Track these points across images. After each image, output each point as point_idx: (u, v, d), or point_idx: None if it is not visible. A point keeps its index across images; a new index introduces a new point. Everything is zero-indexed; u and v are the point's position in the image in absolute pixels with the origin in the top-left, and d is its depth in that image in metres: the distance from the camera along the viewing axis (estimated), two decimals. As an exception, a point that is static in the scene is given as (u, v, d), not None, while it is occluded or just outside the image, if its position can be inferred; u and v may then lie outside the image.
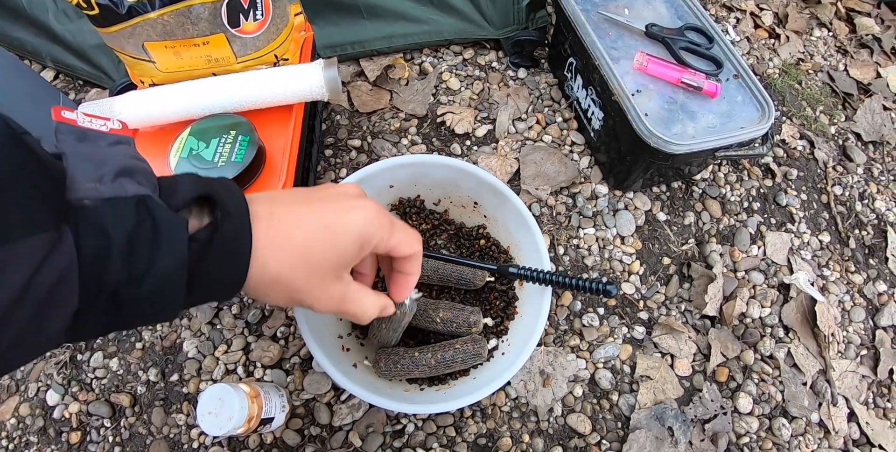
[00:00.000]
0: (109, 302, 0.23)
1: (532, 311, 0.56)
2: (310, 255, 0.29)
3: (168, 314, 0.25)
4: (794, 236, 0.77)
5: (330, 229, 0.30)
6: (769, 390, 0.66)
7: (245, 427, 0.51)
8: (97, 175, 0.23)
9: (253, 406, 0.52)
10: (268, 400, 0.55)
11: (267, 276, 0.28)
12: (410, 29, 0.82)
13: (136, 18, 0.58)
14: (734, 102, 0.69)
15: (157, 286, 0.23)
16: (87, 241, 0.21)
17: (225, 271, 0.26)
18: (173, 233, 0.23)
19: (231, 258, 0.26)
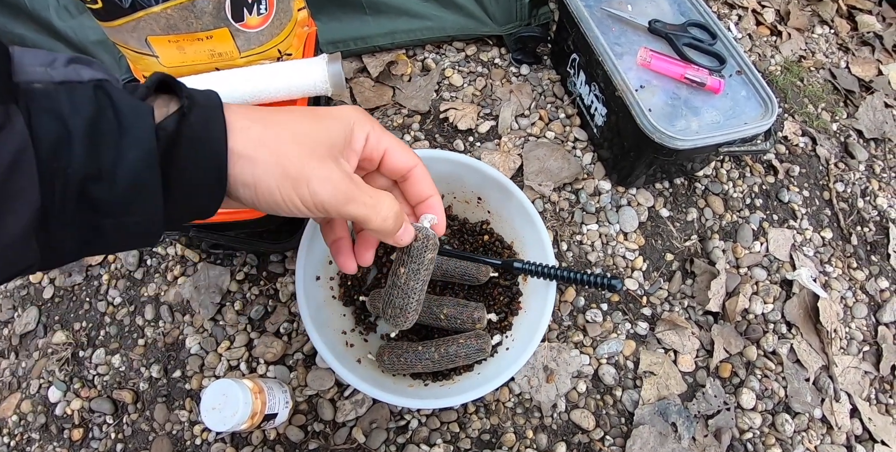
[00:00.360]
0: (80, 202, 0.21)
1: (536, 306, 0.56)
2: (297, 130, 0.26)
3: (150, 226, 0.23)
4: (796, 232, 0.77)
5: (315, 111, 0.28)
6: (772, 386, 0.66)
7: (248, 423, 0.51)
8: (47, 60, 0.21)
9: (256, 402, 0.52)
10: (271, 396, 0.55)
11: (252, 138, 0.25)
12: (413, 25, 0.81)
13: (139, 12, 0.58)
14: (737, 98, 0.69)
15: (129, 181, 0.21)
16: (42, 127, 0.19)
17: (200, 155, 0.23)
18: (138, 121, 0.21)
19: (204, 143, 0.23)
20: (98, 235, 0.22)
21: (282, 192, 0.25)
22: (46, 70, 0.21)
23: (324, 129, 0.28)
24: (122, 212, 0.22)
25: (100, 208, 0.21)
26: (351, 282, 0.61)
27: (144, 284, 0.70)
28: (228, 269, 0.68)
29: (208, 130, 0.23)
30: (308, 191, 0.26)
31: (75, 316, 0.70)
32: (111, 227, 0.22)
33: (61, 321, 0.71)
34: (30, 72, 0.20)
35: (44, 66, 0.21)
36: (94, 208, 0.21)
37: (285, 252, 0.69)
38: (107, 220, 0.22)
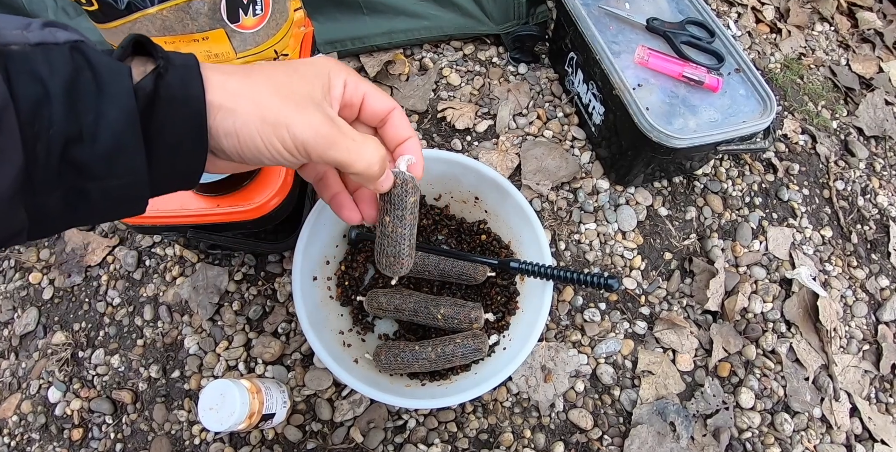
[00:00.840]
0: (63, 164, 0.21)
1: (533, 306, 0.56)
2: (274, 80, 0.27)
3: (136, 190, 0.23)
4: (795, 230, 0.76)
5: (290, 63, 0.29)
6: (771, 385, 0.66)
7: (246, 423, 0.51)
8: (23, 24, 0.21)
9: (254, 402, 0.52)
10: (269, 396, 0.55)
11: (230, 90, 0.25)
12: (410, 24, 0.81)
13: (135, 14, 0.58)
14: (736, 97, 0.68)
15: (110, 141, 0.21)
16: (21, 88, 0.19)
17: (180, 114, 0.24)
18: (116, 80, 0.22)
19: (183, 102, 0.24)
20: (83, 199, 0.22)
21: (263, 137, 0.26)
22: (23, 33, 0.21)
23: (301, 77, 0.28)
24: (106, 174, 0.22)
25: (83, 171, 0.22)
26: (348, 282, 0.61)
27: (143, 284, 0.70)
28: (226, 269, 0.68)
29: (186, 88, 0.24)
30: (288, 134, 0.26)
31: (75, 317, 0.71)
32: (96, 190, 0.22)
33: (61, 321, 0.71)
34: (5, 34, 0.20)
35: (20, 28, 0.21)
36: (78, 170, 0.21)
37: (283, 252, 0.69)
38: (91, 183, 0.22)
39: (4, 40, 0.20)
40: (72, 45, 0.21)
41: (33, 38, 0.21)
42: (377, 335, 0.62)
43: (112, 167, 0.22)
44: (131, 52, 0.24)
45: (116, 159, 0.22)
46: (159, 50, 0.24)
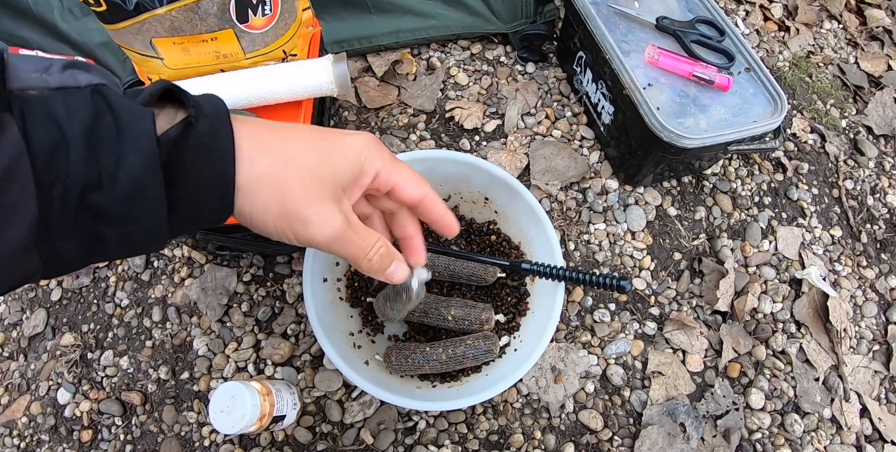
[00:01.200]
0: (81, 211, 0.20)
1: (544, 307, 0.56)
2: (304, 158, 0.26)
3: (154, 235, 0.23)
4: (805, 230, 0.76)
5: (326, 141, 0.27)
6: (781, 385, 0.66)
7: (257, 425, 0.51)
8: (43, 66, 0.21)
9: (265, 404, 0.52)
10: (279, 398, 0.55)
11: (257, 173, 0.24)
12: (418, 24, 0.81)
13: (143, 15, 0.58)
14: (746, 96, 0.68)
15: (130, 188, 0.20)
16: (37, 134, 0.19)
17: (206, 170, 0.23)
18: (138, 125, 0.21)
19: (211, 155, 0.23)
20: (100, 243, 0.22)
21: (277, 227, 0.26)
22: (42, 76, 0.20)
23: (332, 165, 0.27)
24: (125, 220, 0.21)
25: (101, 217, 0.21)
26: (358, 283, 0.61)
27: (151, 286, 0.70)
28: (235, 270, 0.68)
29: (216, 139, 0.23)
30: (304, 231, 0.26)
31: (83, 318, 0.71)
32: (113, 236, 0.22)
33: (69, 323, 0.71)
34: (24, 78, 0.20)
35: (39, 71, 0.20)
36: (96, 216, 0.21)
37: (292, 254, 0.69)
38: (109, 229, 0.21)
39: (23, 84, 0.20)
40: (93, 88, 0.21)
41: (53, 82, 0.20)
42: (387, 336, 0.61)
43: (131, 213, 0.21)
44: (159, 99, 0.24)
45: (136, 205, 0.21)
46: (190, 98, 0.23)
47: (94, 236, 0.21)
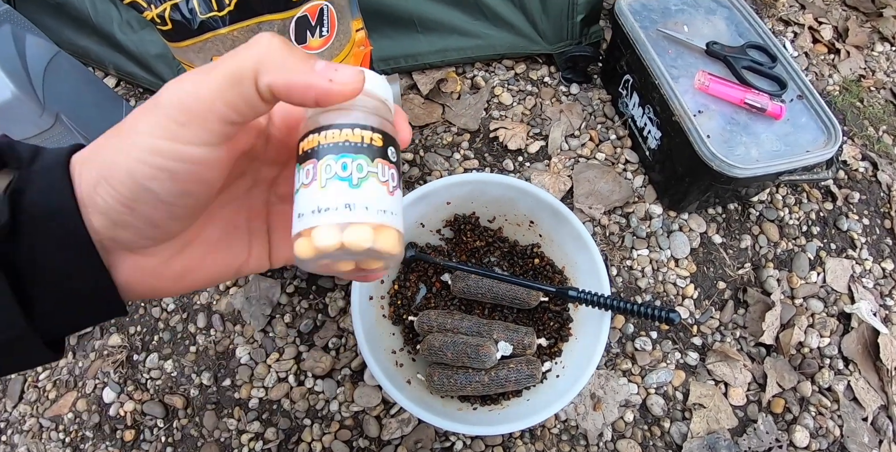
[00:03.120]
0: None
1: (588, 334, 0.55)
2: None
3: (20, 348, 0.19)
4: (855, 262, 0.74)
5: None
6: (827, 424, 0.64)
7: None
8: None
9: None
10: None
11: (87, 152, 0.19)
12: (463, 43, 0.82)
13: (206, 34, 0.60)
14: (798, 124, 0.67)
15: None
16: None
17: (52, 235, 0.18)
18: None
19: (48, 216, 0.18)
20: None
21: (152, 149, 0.19)
22: None
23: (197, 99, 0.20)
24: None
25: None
26: (401, 301, 0.62)
27: (197, 292, 0.72)
28: (279, 281, 0.70)
29: (49, 198, 0.18)
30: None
31: (130, 320, 0.73)
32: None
33: (117, 323, 0.73)
34: None
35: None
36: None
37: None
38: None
39: None
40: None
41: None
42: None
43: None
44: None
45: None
46: (15, 154, 0.19)
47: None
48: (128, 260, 0.20)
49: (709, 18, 0.76)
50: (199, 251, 0.22)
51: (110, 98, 0.80)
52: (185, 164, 0.18)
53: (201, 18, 0.60)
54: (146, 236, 0.20)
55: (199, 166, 0.18)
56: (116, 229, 0.19)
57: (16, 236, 0.18)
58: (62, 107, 0.68)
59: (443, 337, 0.55)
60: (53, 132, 0.68)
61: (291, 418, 0.64)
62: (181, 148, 0.17)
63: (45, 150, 0.20)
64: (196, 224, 0.22)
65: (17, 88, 0.61)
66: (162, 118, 0.17)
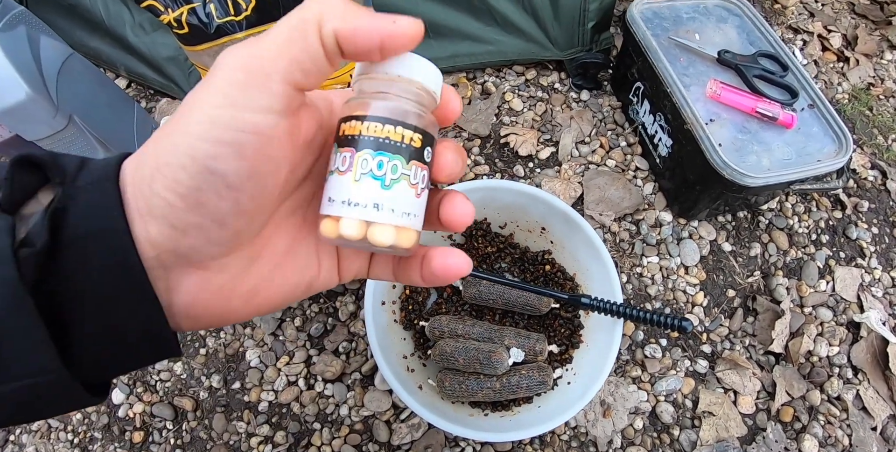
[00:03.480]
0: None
1: (599, 342, 0.56)
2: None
3: (53, 393, 0.16)
4: (864, 271, 0.74)
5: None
6: (836, 433, 0.64)
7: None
8: None
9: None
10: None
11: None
12: (475, 49, 0.82)
13: (223, 38, 0.60)
14: (809, 133, 0.67)
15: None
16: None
17: (97, 261, 0.16)
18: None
19: (98, 253, 0.16)
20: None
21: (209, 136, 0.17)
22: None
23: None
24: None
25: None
26: (412, 306, 0.62)
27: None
28: (289, 285, 0.70)
29: (95, 216, 0.16)
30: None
31: (141, 323, 0.73)
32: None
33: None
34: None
35: None
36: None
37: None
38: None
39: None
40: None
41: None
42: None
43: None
44: (27, 171, 0.17)
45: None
46: (59, 168, 0.17)
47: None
48: (192, 277, 0.18)
49: (720, 27, 0.76)
50: (268, 266, 0.20)
51: (122, 100, 0.80)
52: (249, 135, 0.16)
53: (218, 22, 0.60)
54: (212, 240, 0.17)
55: (263, 138, 0.16)
56: (178, 237, 0.17)
57: (56, 262, 0.16)
58: (75, 108, 0.68)
59: (454, 343, 0.56)
60: (66, 133, 0.68)
61: (301, 421, 0.64)
62: (244, 115, 0.16)
63: (92, 161, 0.18)
64: (263, 234, 0.20)
65: (31, 89, 0.62)
66: (221, 85, 0.16)
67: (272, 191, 0.18)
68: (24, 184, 0.17)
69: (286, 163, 0.18)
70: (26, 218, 0.16)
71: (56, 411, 0.17)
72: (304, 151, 0.20)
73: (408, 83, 0.19)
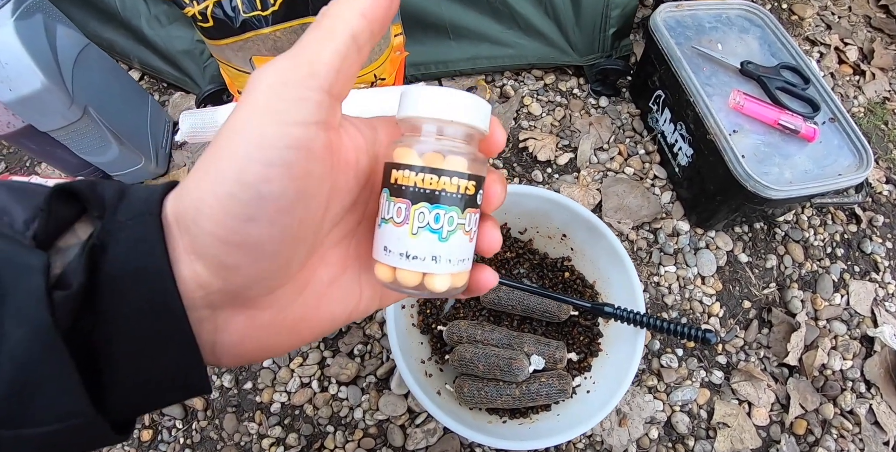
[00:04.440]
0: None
1: (619, 350, 0.55)
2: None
3: (85, 435, 0.16)
4: (878, 286, 0.74)
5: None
6: (849, 447, 0.64)
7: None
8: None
9: None
10: None
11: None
12: (495, 52, 0.82)
13: (248, 33, 0.60)
14: (831, 147, 0.67)
15: (12, 378, 0.14)
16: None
17: (136, 302, 0.15)
18: (20, 283, 0.14)
19: (138, 297, 0.15)
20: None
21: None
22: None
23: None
24: (16, 422, 0.14)
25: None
26: (430, 310, 0.62)
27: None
28: (304, 285, 0.69)
29: (135, 256, 0.15)
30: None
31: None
32: (9, 441, 0.15)
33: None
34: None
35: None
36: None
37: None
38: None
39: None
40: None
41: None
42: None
43: (26, 412, 0.14)
44: (64, 202, 0.16)
45: (30, 402, 0.14)
46: (97, 199, 0.16)
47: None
48: (239, 317, 0.18)
49: (742, 37, 0.76)
50: (314, 297, 0.20)
51: (137, 92, 0.79)
52: (296, 151, 0.15)
53: (244, 17, 0.60)
54: (263, 274, 0.17)
55: (305, 154, 0.16)
56: (228, 275, 0.16)
57: (91, 302, 0.15)
58: (90, 99, 0.67)
59: (474, 349, 0.55)
60: (80, 125, 0.67)
61: (314, 424, 0.63)
62: (291, 130, 0.15)
63: (132, 190, 0.17)
64: (309, 265, 0.19)
65: (47, 79, 0.61)
66: (264, 101, 0.15)
67: (317, 213, 0.17)
68: (60, 216, 0.16)
69: (327, 181, 0.17)
70: (63, 251, 0.16)
71: (81, 450, 0.17)
72: (348, 175, 0.19)
73: (459, 125, 0.19)
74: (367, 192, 0.21)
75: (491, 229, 0.21)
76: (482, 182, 0.20)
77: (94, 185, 0.16)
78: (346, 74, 0.17)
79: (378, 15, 0.17)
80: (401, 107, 0.19)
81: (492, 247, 0.21)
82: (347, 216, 0.21)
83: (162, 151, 0.81)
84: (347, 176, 0.19)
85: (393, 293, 0.23)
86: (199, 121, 0.63)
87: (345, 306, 0.21)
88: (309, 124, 0.16)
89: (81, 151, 0.70)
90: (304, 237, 0.17)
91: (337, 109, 0.17)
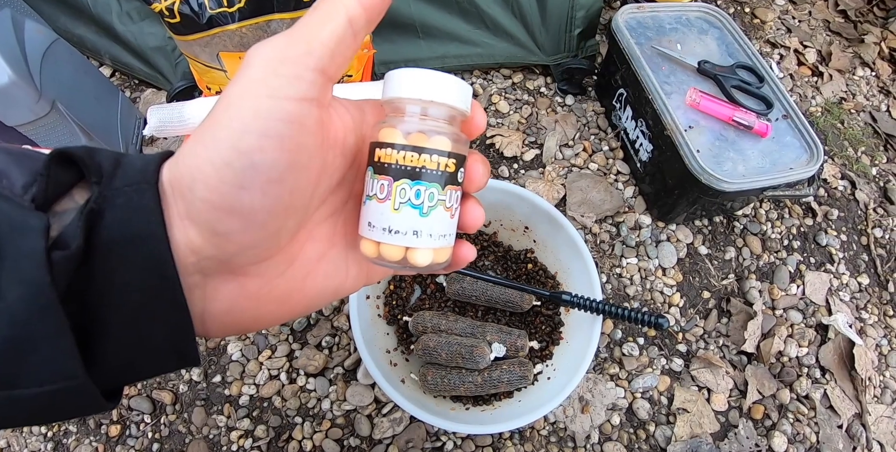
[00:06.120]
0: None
1: (579, 339, 0.57)
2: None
3: (73, 398, 0.16)
4: (833, 276, 0.77)
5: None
6: (804, 430, 0.66)
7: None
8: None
9: None
10: None
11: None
12: (463, 50, 0.84)
13: (215, 29, 0.61)
14: (783, 143, 0.70)
15: (8, 337, 0.14)
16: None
17: (132, 266, 0.16)
18: (19, 242, 0.15)
19: (132, 261, 0.16)
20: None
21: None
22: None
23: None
24: (9, 382, 0.15)
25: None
26: (396, 301, 0.63)
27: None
28: (273, 279, 0.70)
29: (131, 221, 0.16)
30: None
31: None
32: (1, 402, 0.15)
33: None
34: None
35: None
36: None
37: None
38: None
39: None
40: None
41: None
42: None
43: (19, 372, 0.15)
44: (64, 167, 0.17)
45: (23, 361, 0.15)
46: (95, 165, 0.16)
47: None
48: (229, 284, 0.18)
49: (701, 38, 0.79)
50: (301, 272, 0.21)
51: (107, 88, 0.80)
52: (290, 124, 0.16)
53: (210, 13, 0.61)
54: (255, 242, 0.17)
55: (298, 128, 0.16)
56: (217, 242, 0.17)
57: (88, 266, 0.15)
58: (59, 94, 0.67)
59: (437, 338, 0.56)
60: (48, 119, 0.67)
61: (282, 416, 0.64)
62: (284, 105, 0.16)
63: (127, 159, 0.17)
64: (298, 239, 0.20)
65: (14, 74, 0.61)
66: (259, 76, 0.16)
67: (307, 186, 0.18)
68: (59, 180, 0.16)
69: (317, 156, 0.18)
70: (59, 215, 0.16)
71: (69, 415, 0.17)
72: (336, 152, 0.20)
73: (440, 106, 0.19)
74: (353, 171, 0.21)
75: (473, 206, 0.22)
76: (463, 161, 0.20)
77: (92, 151, 0.17)
78: (341, 56, 0.17)
79: (375, 4, 0.18)
80: (385, 88, 0.20)
81: (475, 222, 0.22)
82: (335, 195, 0.21)
83: (132, 146, 0.81)
84: (335, 153, 0.20)
85: (379, 269, 0.24)
86: (167, 115, 0.63)
87: (332, 281, 0.22)
88: (302, 100, 0.16)
89: (50, 147, 0.70)
90: (294, 209, 0.18)
91: (329, 89, 0.18)
